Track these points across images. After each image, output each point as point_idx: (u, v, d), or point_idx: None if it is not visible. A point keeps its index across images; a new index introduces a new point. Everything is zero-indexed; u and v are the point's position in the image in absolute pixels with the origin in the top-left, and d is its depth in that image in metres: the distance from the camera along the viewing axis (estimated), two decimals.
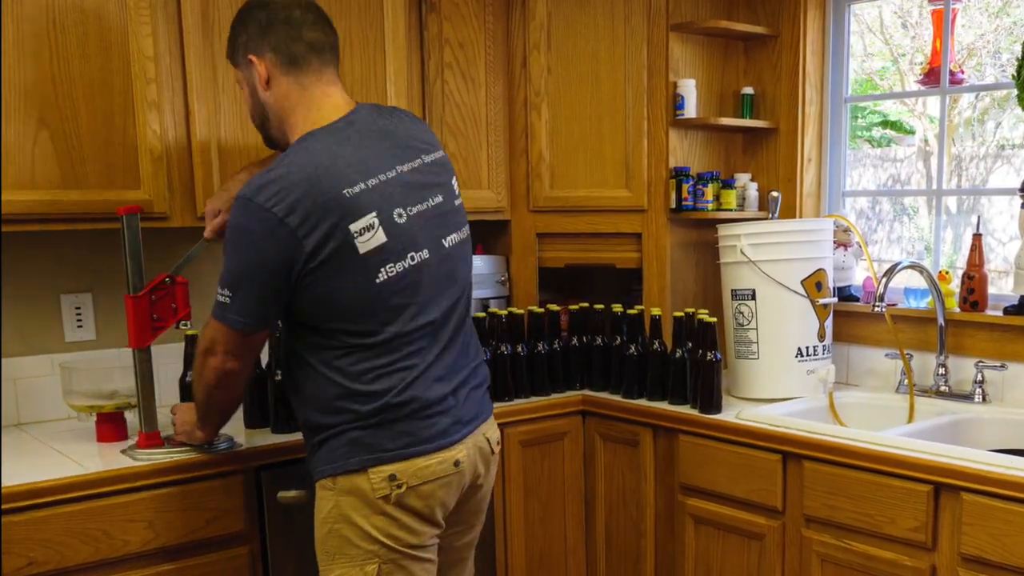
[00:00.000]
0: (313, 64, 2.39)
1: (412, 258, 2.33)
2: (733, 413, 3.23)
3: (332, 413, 2.34)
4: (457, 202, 2.52)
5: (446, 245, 2.43)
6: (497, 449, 2.61)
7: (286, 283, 2.26)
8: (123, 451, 2.76)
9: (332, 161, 2.27)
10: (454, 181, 2.53)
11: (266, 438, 2.91)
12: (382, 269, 2.28)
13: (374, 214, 2.27)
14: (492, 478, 2.63)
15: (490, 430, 2.58)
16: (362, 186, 2.27)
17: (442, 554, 2.54)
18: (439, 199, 2.44)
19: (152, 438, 2.74)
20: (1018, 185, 3.23)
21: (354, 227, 2.24)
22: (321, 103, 2.39)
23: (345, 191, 2.24)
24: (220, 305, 2.31)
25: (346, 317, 2.29)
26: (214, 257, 3.22)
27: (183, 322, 2.77)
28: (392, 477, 2.31)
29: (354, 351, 2.32)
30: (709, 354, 3.23)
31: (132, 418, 2.91)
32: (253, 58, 2.39)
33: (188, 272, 2.77)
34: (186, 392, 2.95)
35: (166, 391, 3.28)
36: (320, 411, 2.37)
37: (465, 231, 2.54)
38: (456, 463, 2.41)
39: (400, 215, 2.32)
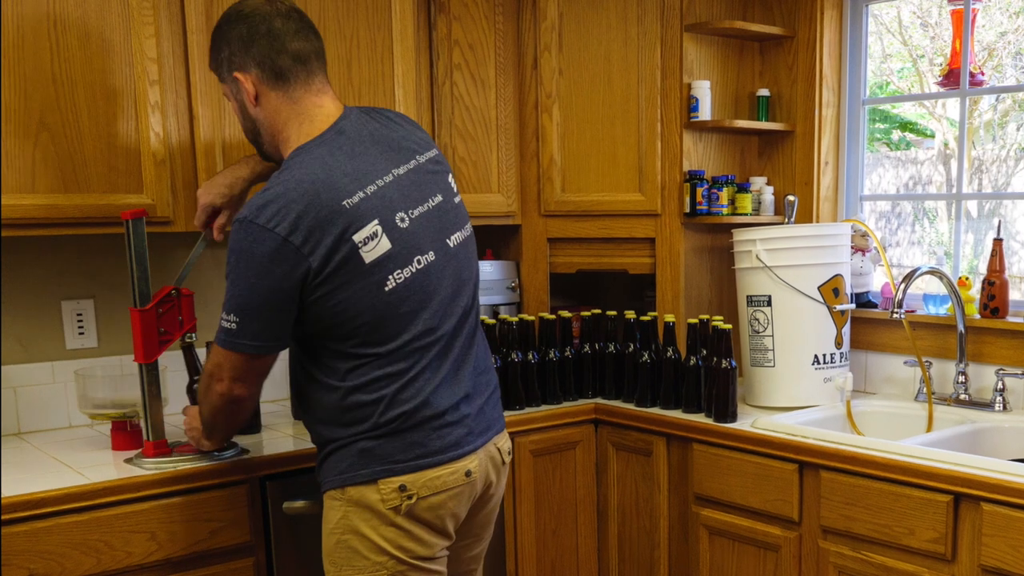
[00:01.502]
0: (300, 76, 2.35)
1: (418, 262, 2.31)
2: (748, 422, 3.19)
3: (341, 425, 2.32)
4: (457, 199, 2.49)
5: (451, 245, 2.41)
6: (508, 459, 2.58)
7: (294, 303, 2.24)
8: (127, 460, 2.74)
9: (328, 174, 2.24)
10: (451, 178, 2.50)
11: (271, 447, 2.87)
12: (390, 277, 2.26)
13: (376, 222, 2.25)
14: (503, 488, 2.59)
15: (502, 440, 2.55)
16: (361, 195, 2.25)
17: (450, 566, 2.51)
18: (439, 199, 2.41)
19: (159, 447, 2.71)
20: None
21: (358, 237, 2.22)
22: (313, 114, 2.36)
23: (345, 202, 2.22)
24: (226, 331, 2.27)
25: (357, 329, 2.26)
26: (218, 263, 3.21)
27: (189, 334, 2.76)
28: (402, 488, 2.29)
29: (364, 362, 2.29)
30: (724, 362, 3.19)
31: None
32: (239, 75, 2.36)
33: (192, 281, 2.73)
34: (195, 398, 2.90)
35: (177, 396, 3.25)
36: (329, 423, 2.35)
37: (468, 229, 2.51)
38: (468, 473, 2.38)
39: (403, 219, 2.30)
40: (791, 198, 3.63)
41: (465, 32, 3.60)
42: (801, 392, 3.37)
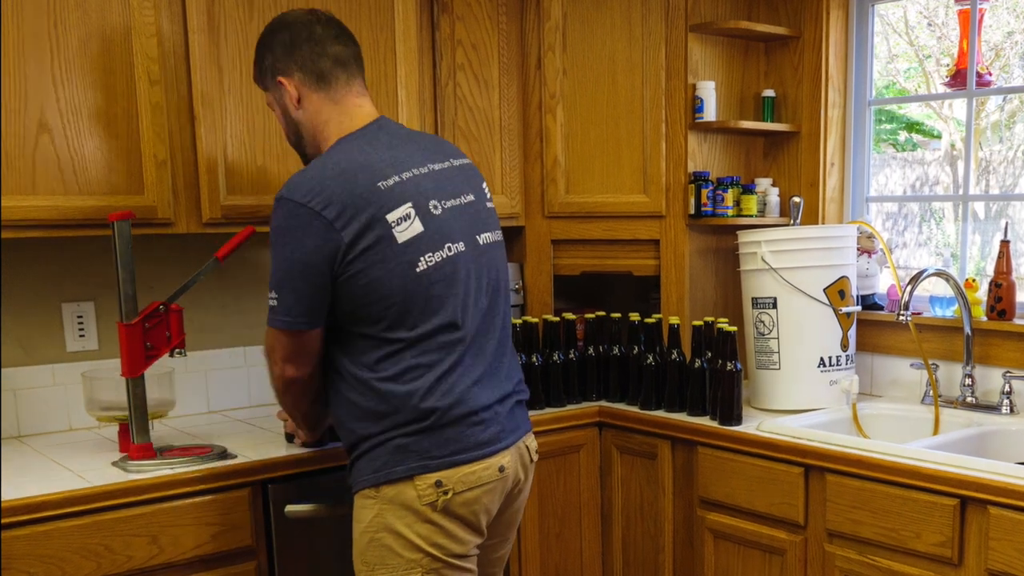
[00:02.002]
0: (341, 78, 2.47)
1: (449, 248, 2.38)
2: (753, 425, 3.17)
3: (375, 419, 2.35)
4: (489, 205, 2.57)
5: (480, 241, 2.47)
6: (535, 458, 2.62)
7: (328, 277, 2.29)
8: (114, 463, 2.72)
9: (365, 158, 2.35)
10: (485, 187, 2.59)
11: (272, 451, 2.85)
12: (421, 258, 2.33)
13: (409, 204, 2.33)
14: (529, 487, 2.63)
15: (530, 439, 2.60)
16: (396, 179, 2.34)
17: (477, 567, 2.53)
18: (471, 197, 2.49)
19: (144, 450, 2.71)
20: None
21: (391, 216, 2.30)
22: (354, 113, 2.47)
23: (380, 184, 2.31)
24: (271, 309, 2.36)
25: (386, 311, 2.31)
26: (211, 284, 3.19)
27: (177, 350, 2.75)
28: (439, 483, 2.32)
29: (394, 350, 2.33)
30: (729, 364, 3.17)
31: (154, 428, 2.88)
32: (283, 79, 2.47)
33: (184, 298, 2.71)
34: None
35: (183, 400, 3.24)
36: (363, 419, 2.37)
37: (499, 234, 2.58)
38: (501, 468, 2.43)
39: (435, 207, 2.38)
40: (797, 199, 3.61)
41: (468, 32, 3.58)
42: (806, 395, 3.35)
